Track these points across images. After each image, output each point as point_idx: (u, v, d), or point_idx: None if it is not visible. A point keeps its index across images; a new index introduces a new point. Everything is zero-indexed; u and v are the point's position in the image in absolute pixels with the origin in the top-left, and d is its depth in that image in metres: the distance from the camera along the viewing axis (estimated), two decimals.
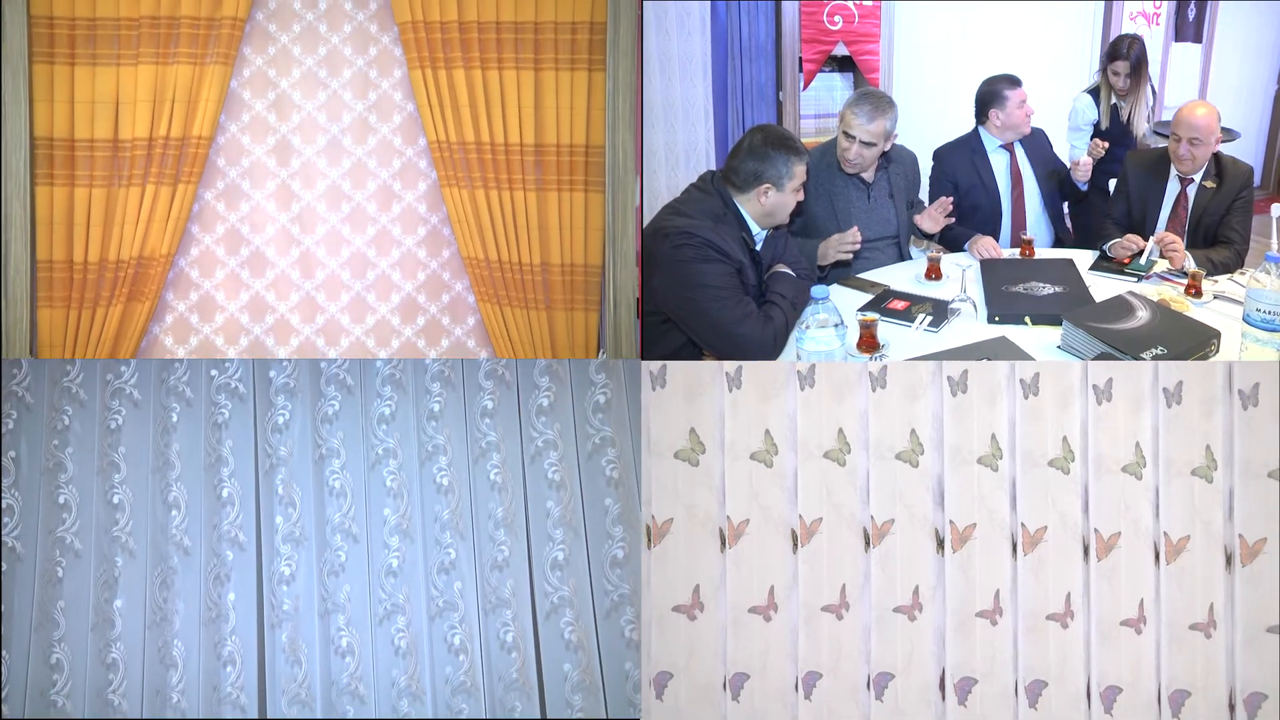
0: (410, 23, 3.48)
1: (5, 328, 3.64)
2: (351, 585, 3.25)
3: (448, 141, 3.50)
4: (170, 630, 3.21)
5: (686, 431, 2.73)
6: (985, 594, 2.76)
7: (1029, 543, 2.78)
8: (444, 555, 3.27)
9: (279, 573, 3.25)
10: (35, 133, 3.57)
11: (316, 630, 3.23)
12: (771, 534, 2.73)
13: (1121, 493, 2.78)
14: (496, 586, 3.27)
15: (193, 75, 3.56)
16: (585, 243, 3.55)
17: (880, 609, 2.73)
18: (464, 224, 3.52)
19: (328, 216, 3.64)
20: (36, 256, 3.56)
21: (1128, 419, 2.79)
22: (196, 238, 3.68)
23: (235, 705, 3.19)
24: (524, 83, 3.52)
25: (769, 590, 2.71)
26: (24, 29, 3.55)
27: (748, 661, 2.71)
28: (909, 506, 2.77)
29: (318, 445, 3.30)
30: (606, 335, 3.56)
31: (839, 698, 2.72)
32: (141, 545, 3.24)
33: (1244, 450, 2.77)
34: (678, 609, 2.75)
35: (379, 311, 3.67)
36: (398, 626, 3.22)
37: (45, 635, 3.23)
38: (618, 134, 3.54)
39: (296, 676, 3.21)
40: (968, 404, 2.78)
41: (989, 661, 2.76)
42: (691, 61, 5.20)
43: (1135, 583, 2.78)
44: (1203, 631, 2.76)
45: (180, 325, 3.73)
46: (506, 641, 3.24)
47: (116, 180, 3.57)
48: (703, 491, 2.72)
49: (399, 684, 3.23)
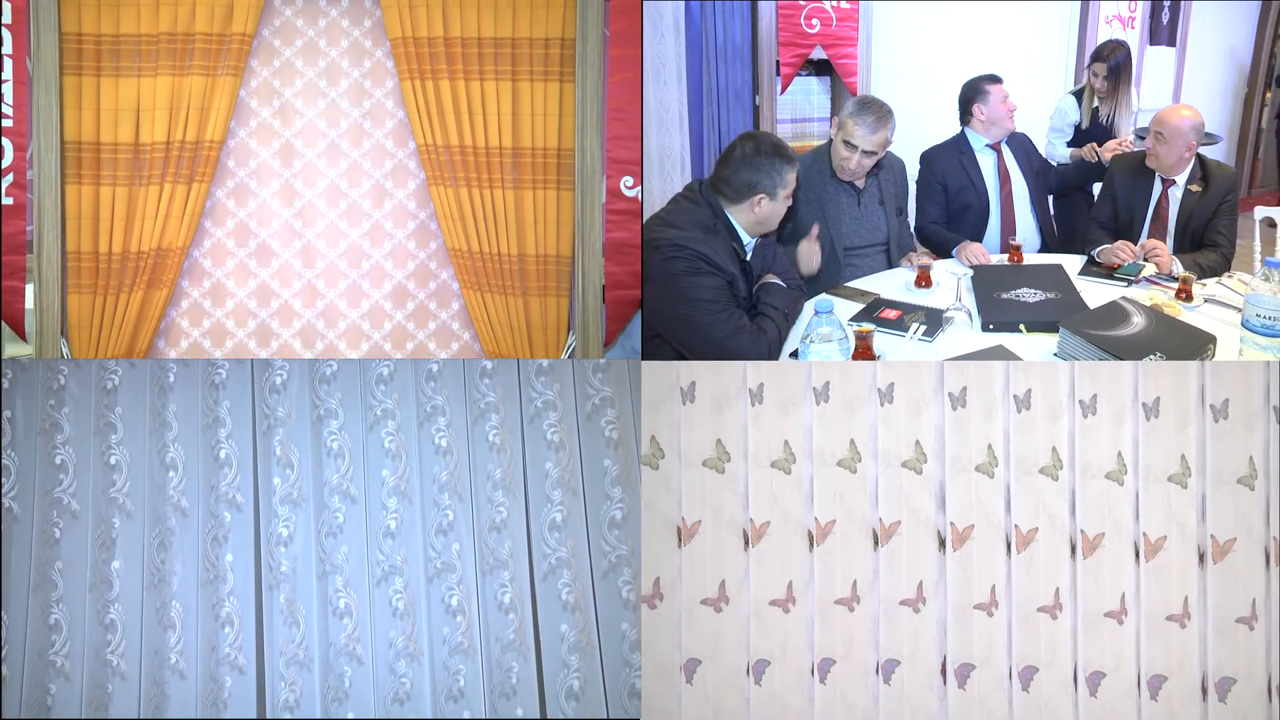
0: (401, 39, 3.59)
1: (40, 311, 3.61)
2: (349, 546, 3.15)
3: (434, 145, 3.61)
4: (168, 591, 3.12)
5: (714, 442, 2.76)
6: (982, 588, 2.81)
7: (1022, 542, 2.83)
8: (442, 517, 3.16)
9: (277, 534, 3.15)
10: (65, 137, 3.61)
11: (315, 591, 3.14)
12: (790, 534, 2.77)
13: (1105, 497, 2.84)
14: (495, 548, 3.15)
15: (205, 86, 3.63)
16: (557, 236, 3.65)
17: (888, 602, 2.78)
18: (449, 219, 3.64)
19: (327, 212, 3.76)
20: (66, 248, 3.64)
21: (1110, 431, 2.84)
22: (209, 231, 3.79)
23: (233, 666, 3.11)
24: (502, 92, 3.62)
25: (788, 585, 2.75)
26: (55, 45, 3.58)
27: (769, 649, 2.75)
28: (914, 509, 2.81)
29: (315, 406, 3.19)
30: (576, 319, 3.66)
31: (851, 682, 2.75)
32: (139, 506, 3.14)
33: (1215, 459, 2.83)
34: (705, 602, 2.77)
35: (373, 297, 3.78)
36: (395, 588, 3.13)
37: (43, 596, 3.13)
38: (586, 138, 3.61)
39: (294, 637, 3.12)
40: (966, 417, 2.82)
41: (986, 649, 2.80)
42: (666, 65, 4.99)
43: (1117, 578, 2.83)
44: (1178, 622, 2.82)
45: (195, 309, 3.81)
46: (504, 602, 3.15)
47: (137, 180, 3.64)
48: (728, 496, 2.75)
49: (396, 645, 3.12)
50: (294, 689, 3.11)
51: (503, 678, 3.12)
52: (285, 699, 3.11)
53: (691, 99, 5.20)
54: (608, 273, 3.62)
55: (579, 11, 3.58)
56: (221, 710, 3.10)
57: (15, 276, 3.56)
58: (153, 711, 3.11)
